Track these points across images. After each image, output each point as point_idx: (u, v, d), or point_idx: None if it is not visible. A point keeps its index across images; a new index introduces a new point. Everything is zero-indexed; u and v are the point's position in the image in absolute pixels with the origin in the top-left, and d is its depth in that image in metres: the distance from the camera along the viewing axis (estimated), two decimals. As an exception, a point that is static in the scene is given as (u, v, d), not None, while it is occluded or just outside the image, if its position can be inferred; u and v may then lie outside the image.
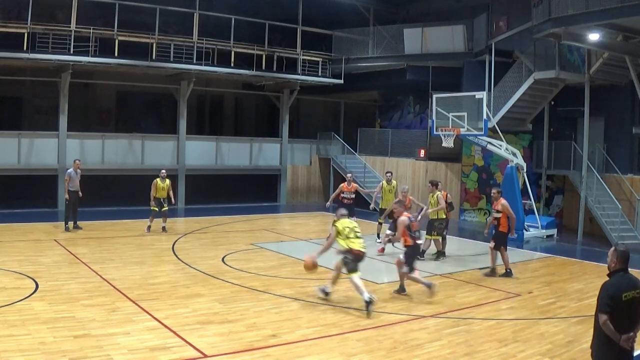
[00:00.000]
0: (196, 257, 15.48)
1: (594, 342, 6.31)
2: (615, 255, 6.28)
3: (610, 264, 6.31)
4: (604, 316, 5.99)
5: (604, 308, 6.01)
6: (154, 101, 30.83)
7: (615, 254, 6.28)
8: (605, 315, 5.99)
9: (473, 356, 8.95)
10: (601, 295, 6.11)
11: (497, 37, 23.55)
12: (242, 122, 35.12)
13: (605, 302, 6.03)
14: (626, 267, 6.25)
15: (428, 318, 10.89)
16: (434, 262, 16.21)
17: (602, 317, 6.01)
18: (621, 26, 17.98)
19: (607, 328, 5.99)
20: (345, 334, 9.77)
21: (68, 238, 17.03)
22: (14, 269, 13.03)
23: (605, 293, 6.09)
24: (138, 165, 25.56)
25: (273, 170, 29.76)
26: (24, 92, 27.23)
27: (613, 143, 22.78)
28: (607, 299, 6.03)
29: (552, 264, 16.88)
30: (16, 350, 8.24)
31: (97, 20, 23.83)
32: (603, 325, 6.01)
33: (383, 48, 28.42)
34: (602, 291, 6.14)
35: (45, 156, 23.57)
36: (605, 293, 6.09)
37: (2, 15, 23.20)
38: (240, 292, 12.27)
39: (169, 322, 9.86)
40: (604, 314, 6.00)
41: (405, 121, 30.74)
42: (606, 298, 6.04)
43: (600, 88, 22.21)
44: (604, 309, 6.00)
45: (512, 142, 23.00)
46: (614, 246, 6.46)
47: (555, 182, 24.98)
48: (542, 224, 21.69)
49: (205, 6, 25.43)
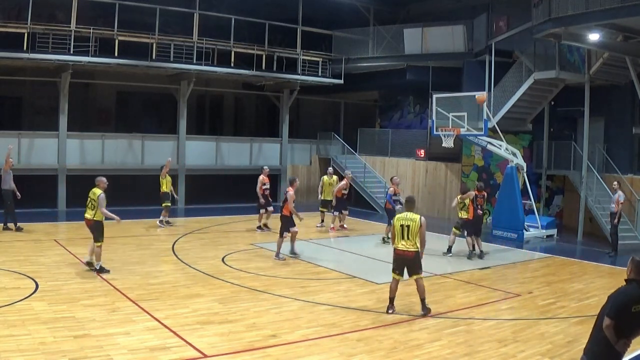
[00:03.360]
0: (196, 257, 15.48)
1: (591, 337, 6.35)
2: (631, 265, 6.34)
3: (628, 272, 6.36)
4: (609, 321, 6.02)
5: (612, 313, 6.05)
6: (154, 101, 30.82)
7: (632, 263, 6.35)
8: (611, 320, 6.02)
9: (473, 356, 8.95)
10: (613, 301, 6.14)
11: (497, 37, 23.56)
12: (242, 122, 35.13)
13: (615, 308, 6.06)
14: None
15: (428, 318, 10.88)
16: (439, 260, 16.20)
17: (607, 320, 6.04)
18: (621, 26, 17.98)
19: (609, 331, 6.04)
20: (345, 334, 9.77)
21: (68, 238, 17.02)
22: (14, 269, 13.03)
23: (616, 300, 6.13)
24: (138, 165, 25.56)
25: (273, 170, 29.71)
26: (24, 92, 27.22)
27: (613, 143, 22.79)
28: (617, 306, 6.07)
29: (552, 264, 16.88)
30: (16, 350, 8.24)
31: (97, 20, 23.83)
32: (606, 328, 6.04)
33: (383, 48, 28.43)
34: (615, 297, 6.17)
35: (45, 156, 23.56)
36: (616, 300, 6.13)
37: (2, 15, 23.20)
38: (240, 292, 12.27)
39: (169, 322, 9.86)
40: (610, 319, 6.03)
41: (405, 121, 30.74)
42: (616, 305, 6.08)
43: (600, 88, 22.21)
44: (612, 314, 6.04)
45: (512, 142, 22.99)
46: (632, 256, 6.50)
47: (555, 182, 24.98)
48: (542, 224, 21.70)
49: (205, 6, 25.42)
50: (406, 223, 10.91)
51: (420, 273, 11.02)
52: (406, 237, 10.87)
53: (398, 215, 11.21)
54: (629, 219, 20.48)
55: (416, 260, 10.95)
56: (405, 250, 10.90)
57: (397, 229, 10.98)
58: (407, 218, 10.96)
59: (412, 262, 10.95)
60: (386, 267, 14.82)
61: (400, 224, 10.96)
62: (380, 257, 16.14)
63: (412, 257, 10.91)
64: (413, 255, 10.90)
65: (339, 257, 16.95)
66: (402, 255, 10.96)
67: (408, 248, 10.88)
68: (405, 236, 10.87)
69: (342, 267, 15.13)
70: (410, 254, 10.89)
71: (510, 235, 20.71)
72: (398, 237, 10.96)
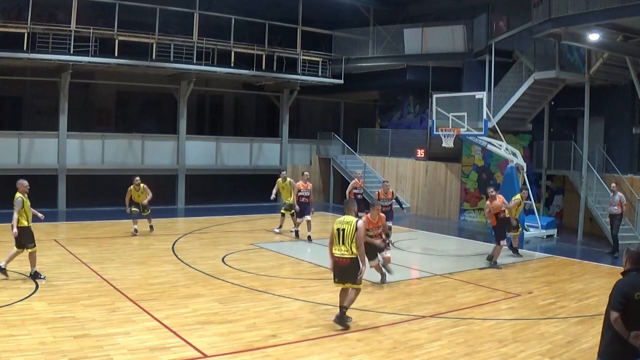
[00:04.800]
0: (196, 257, 15.47)
1: (603, 338, 6.36)
2: (626, 256, 6.41)
3: (624, 264, 6.42)
4: (616, 314, 6.04)
5: (616, 306, 6.07)
6: (154, 101, 30.84)
7: (626, 254, 6.42)
8: (617, 312, 6.04)
9: (473, 356, 8.94)
10: (614, 293, 6.17)
11: (497, 37, 23.57)
12: (242, 122, 35.14)
13: (618, 300, 6.09)
14: (639, 267, 6.31)
15: (428, 318, 10.87)
16: (441, 261, 16.20)
17: (614, 314, 6.05)
18: (621, 26, 17.98)
19: (618, 325, 6.05)
20: (345, 334, 9.76)
21: (68, 238, 17.02)
22: (14, 269, 13.00)
23: (618, 292, 6.15)
24: (138, 165, 25.52)
25: (273, 170, 29.74)
26: (24, 92, 27.21)
27: (613, 143, 22.80)
28: (620, 297, 6.09)
29: (552, 264, 16.87)
30: (16, 351, 8.24)
31: (97, 20, 23.85)
32: (614, 322, 6.05)
33: (383, 48, 28.44)
34: (615, 289, 6.21)
35: (45, 156, 23.57)
36: (618, 292, 6.15)
37: (2, 15, 23.22)
38: (240, 292, 12.27)
39: (169, 322, 9.86)
40: (615, 311, 6.06)
41: (405, 121, 30.74)
42: (619, 296, 6.11)
43: (600, 88, 22.23)
44: (617, 306, 6.06)
45: (512, 142, 22.99)
46: (627, 247, 6.57)
47: (555, 182, 25.00)
48: (542, 224, 21.69)
49: (205, 6, 25.43)
50: (342, 227, 10.03)
51: (356, 283, 10.08)
52: (341, 242, 9.98)
53: (338, 219, 10.33)
54: (629, 219, 20.48)
55: (352, 267, 9.96)
56: (341, 257, 9.99)
57: (334, 233, 10.11)
58: (344, 221, 10.08)
59: (347, 269, 9.99)
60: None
61: (337, 227, 10.09)
62: (380, 257, 16.13)
63: (348, 265, 9.96)
64: (348, 262, 9.95)
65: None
66: (338, 263, 10.06)
67: (343, 254, 9.94)
68: (341, 241, 9.99)
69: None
70: (345, 261, 9.96)
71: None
72: (335, 242, 10.04)
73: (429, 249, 18.60)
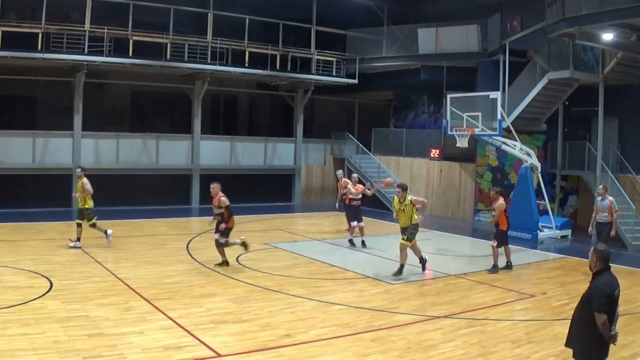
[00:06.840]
0: (210, 256, 15.48)
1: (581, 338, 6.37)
2: (595, 256, 6.36)
3: (591, 264, 6.39)
4: (604, 316, 6.06)
5: (603, 308, 6.07)
6: (168, 101, 30.88)
7: (595, 254, 6.37)
8: (605, 314, 6.06)
9: (487, 357, 8.92)
10: (597, 295, 6.15)
11: (511, 37, 23.48)
12: (256, 122, 35.20)
13: (604, 302, 6.09)
14: (609, 266, 6.36)
15: (442, 318, 10.86)
16: (456, 262, 16.15)
17: (602, 317, 6.06)
18: (635, 26, 17.89)
19: (605, 328, 6.07)
20: (359, 334, 9.76)
21: (82, 237, 17.07)
22: (28, 267, 13.10)
23: (601, 294, 6.14)
24: (152, 165, 25.65)
25: (287, 170, 29.79)
26: (39, 91, 27.32)
27: (627, 143, 22.64)
28: (605, 299, 6.10)
29: (566, 265, 16.78)
30: (30, 349, 8.29)
31: (111, 20, 23.92)
32: (603, 324, 6.06)
33: (397, 48, 28.38)
34: (597, 291, 6.18)
35: (59, 156, 23.69)
36: (601, 294, 6.14)
37: (17, 16, 23.32)
38: (254, 291, 12.29)
39: (182, 322, 9.89)
40: (603, 313, 6.06)
41: (419, 121, 30.69)
42: (604, 298, 6.11)
43: (615, 88, 22.08)
44: (604, 308, 6.07)
45: (526, 142, 22.90)
46: (593, 246, 6.53)
47: (569, 182, 24.86)
48: (556, 224, 21.59)
49: (219, 6, 25.44)
50: None
51: None
52: None
53: None
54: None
55: None
56: None
57: None
58: None
59: None
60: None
61: None
62: (394, 257, 16.09)
63: None
64: None
65: (353, 257, 16.95)
66: None
67: None
68: None
69: (356, 267, 15.14)
70: None
71: (525, 235, 20.59)
72: None
73: (443, 249, 18.54)
